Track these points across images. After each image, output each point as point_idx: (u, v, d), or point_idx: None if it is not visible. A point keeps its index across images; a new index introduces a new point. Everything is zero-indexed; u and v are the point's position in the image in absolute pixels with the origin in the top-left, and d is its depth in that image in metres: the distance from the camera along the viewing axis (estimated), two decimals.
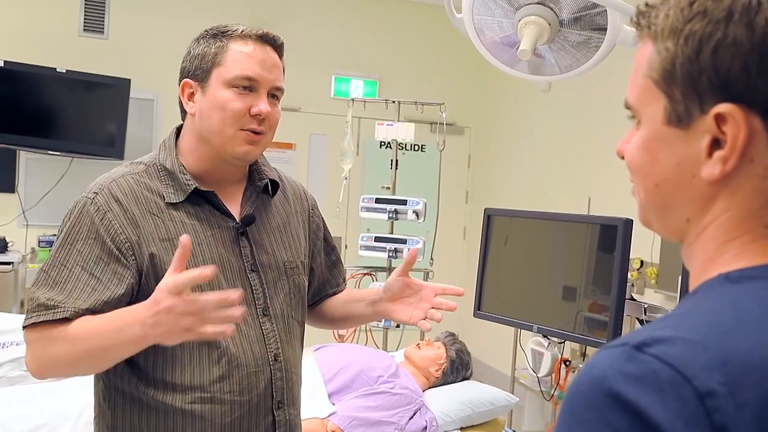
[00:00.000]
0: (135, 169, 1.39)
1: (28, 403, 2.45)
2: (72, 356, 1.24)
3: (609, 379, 0.55)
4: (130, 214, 1.31)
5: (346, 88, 5.70)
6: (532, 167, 5.39)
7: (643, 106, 0.69)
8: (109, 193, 1.32)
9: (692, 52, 0.63)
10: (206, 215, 1.38)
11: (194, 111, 1.38)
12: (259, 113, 1.35)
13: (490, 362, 5.54)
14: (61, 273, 1.27)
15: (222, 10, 5.33)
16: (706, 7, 0.63)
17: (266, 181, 1.47)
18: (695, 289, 0.66)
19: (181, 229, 1.34)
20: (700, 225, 0.67)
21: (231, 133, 1.35)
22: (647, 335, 0.57)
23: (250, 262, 1.40)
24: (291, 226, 1.51)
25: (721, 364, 0.54)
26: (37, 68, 4.64)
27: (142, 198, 1.34)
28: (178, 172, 1.38)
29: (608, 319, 2.33)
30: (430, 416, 2.64)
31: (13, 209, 4.95)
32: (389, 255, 3.69)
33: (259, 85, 1.36)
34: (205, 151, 1.38)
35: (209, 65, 1.36)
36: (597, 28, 2.17)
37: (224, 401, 1.33)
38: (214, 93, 1.35)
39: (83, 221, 1.30)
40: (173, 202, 1.35)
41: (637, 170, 0.70)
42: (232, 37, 1.37)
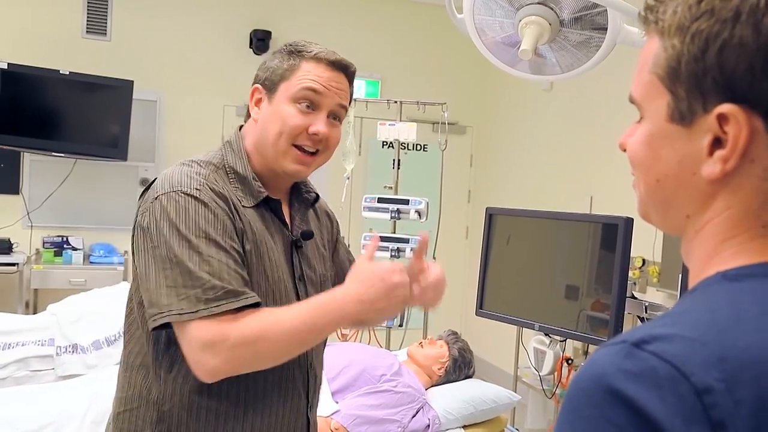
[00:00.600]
0: (205, 170, 1.35)
1: (33, 402, 2.47)
2: (281, 348, 1.24)
3: (608, 376, 0.56)
4: (233, 208, 1.32)
5: None
6: (534, 166, 5.40)
7: (647, 102, 0.69)
8: (207, 188, 1.30)
9: (698, 50, 0.63)
10: (271, 222, 1.41)
11: (258, 117, 1.41)
12: (316, 133, 1.36)
13: (492, 361, 5.55)
14: (203, 267, 1.22)
15: (223, 11, 5.35)
16: (713, 6, 0.63)
17: (314, 194, 1.51)
18: (693, 287, 0.67)
19: (255, 232, 1.34)
20: (700, 222, 0.68)
21: (284, 147, 1.36)
22: (646, 333, 0.58)
23: (299, 273, 1.43)
24: (321, 240, 1.55)
25: (719, 361, 0.55)
26: (40, 70, 4.65)
27: (227, 197, 1.32)
28: (250, 178, 1.39)
29: (609, 317, 2.34)
30: (432, 414, 2.65)
31: (17, 210, 4.97)
32: (392, 254, 3.70)
33: (322, 103, 1.37)
34: (260, 158, 1.41)
35: (278, 78, 1.39)
36: (597, 27, 2.18)
37: (266, 403, 1.36)
38: (278, 105, 1.37)
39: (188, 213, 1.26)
40: (248, 206, 1.36)
41: (639, 165, 0.71)
42: (306, 58, 1.39)
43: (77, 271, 4.74)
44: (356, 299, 1.24)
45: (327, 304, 1.26)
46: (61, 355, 3.09)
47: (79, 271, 4.74)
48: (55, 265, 4.80)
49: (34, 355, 3.07)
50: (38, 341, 3.13)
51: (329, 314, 1.25)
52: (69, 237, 4.97)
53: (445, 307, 5.08)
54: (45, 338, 3.15)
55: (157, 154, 5.20)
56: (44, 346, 3.11)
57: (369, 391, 2.58)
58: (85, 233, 5.07)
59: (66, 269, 4.76)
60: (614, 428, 0.54)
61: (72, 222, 5.09)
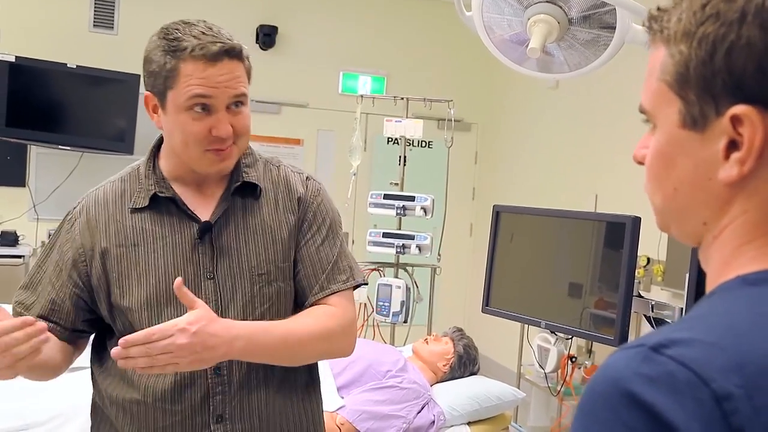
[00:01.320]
0: (120, 174, 1.46)
1: (43, 394, 2.48)
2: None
3: (626, 379, 0.55)
4: (93, 222, 1.39)
5: (354, 85, 5.72)
6: (539, 164, 5.40)
7: (657, 110, 0.69)
8: (84, 204, 1.42)
9: (706, 54, 0.63)
10: (171, 220, 1.38)
11: (160, 125, 1.38)
12: (219, 136, 1.30)
13: (496, 358, 5.56)
14: (36, 275, 1.42)
15: (230, 6, 5.35)
16: (718, 10, 0.63)
17: (239, 183, 1.41)
18: (712, 291, 0.66)
19: (139, 234, 1.37)
20: (717, 228, 0.67)
21: (196, 154, 1.33)
22: (664, 337, 0.58)
23: (208, 269, 1.36)
24: (275, 228, 1.42)
25: (738, 367, 0.55)
26: (47, 64, 4.67)
27: (112, 205, 1.40)
28: (144, 176, 1.40)
29: (615, 316, 2.34)
30: (437, 410, 2.66)
31: (23, 203, 4.99)
32: (397, 251, 3.71)
33: (216, 102, 1.30)
34: (178, 160, 1.39)
35: (162, 87, 1.31)
36: (606, 26, 2.18)
37: (157, 407, 1.35)
38: (173, 115, 1.32)
39: (61, 230, 1.43)
40: (139, 207, 1.38)
41: (657, 176, 0.70)
42: (182, 58, 1.28)
43: None
44: None
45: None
46: None
47: None
48: None
49: None
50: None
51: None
52: None
53: (449, 304, 5.10)
54: None
55: None
56: None
57: (374, 387, 2.60)
58: None
59: None
60: None
61: None
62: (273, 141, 5.49)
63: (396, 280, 3.69)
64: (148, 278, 1.35)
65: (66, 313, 1.39)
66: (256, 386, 1.39)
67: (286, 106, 5.60)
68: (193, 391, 1.35)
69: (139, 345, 1.17)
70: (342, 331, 1.44)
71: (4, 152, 4.90)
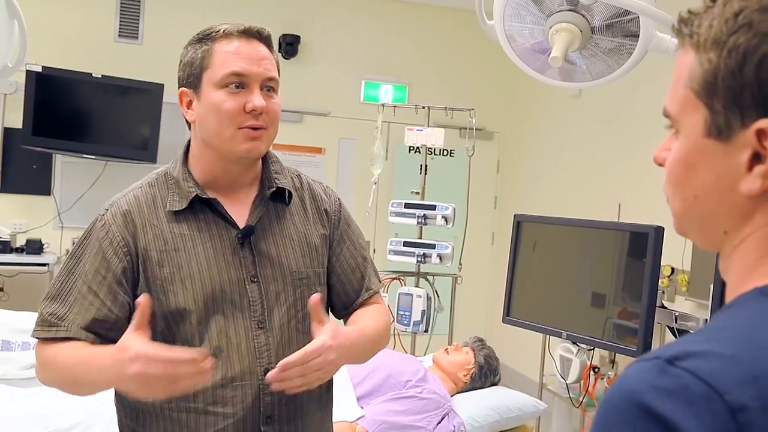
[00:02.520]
0: (147, 180, 1.43)
1: (64, 401, 2.50)
2: (61, 383, 1.33)
3: (641, 392, 0.55)
4: (131, 227, 1.35)
5: (376, 93, 5.73)
6: (561, 173, 5.36)
7: (682, 116, 0.68)
8: (117, 208, 1.37)
9: (736, 65, 0.62)
10: (209, 223, 1.38)
11: (194, 118, 1.38)
12: (254, 108, 1.32)
13: (518, 368, 5.52)
14: (65, 284, 1.34)
15: (254, 15, 5.39)
16: (751, 20, 0.62)
17: (274, 189, 1.43)
18: (730, 303, 0.66)
19: (179, 239, 1.35)
20: (738, 238, 0.67)
21: (230, 133, 1.33)
22: (680, 349, 0.58)
23: (251, 273, 1.37)
24: (308, 234, 1.46)
25: (754, 380, 0.54)
26: (73, 73, 4.73)
27: (146, 209, 1.37)
28: (181, 179, 1.39)
29: (638, 326, 2.32)
30: (458, 421, 2.64)
31: (49, 211, 5.05)
32: (418, 260, 3.70)
33: (250, 80, 1.33)
34: (211, 155, 1.38)
35: (198, 70, 1.36)
36: (629, 34, 2.16)
37: (208, 412, 1.33)
38: (208, 96, 1.34)
39: (91, 236, 1.36)
40: (176, 211, 1.37)
41: (677, 182, 0.70)
42: (216, 39, 1.36)
43: None
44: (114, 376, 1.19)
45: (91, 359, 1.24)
46: None
47: None
48: None
49: None
50: None
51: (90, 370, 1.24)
52: None
53: (470, 313, 5.08)
54: None
55: None
56: None
57: (394, 397, 2.58)
58: None
59: None
60: None
61: None
62: (295, 149, 5.51)
63: (417, 289, 3.68)
64: (193, 283, 1.34)
65: (113, 322, 1.32)
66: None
67: (307, 114, 5.63)
68: (244, 393, 1.34)
69: (297, 366, 1.22)
70: (388, 326, 1.56)
71: (30, 161, 4.97)
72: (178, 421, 1.33)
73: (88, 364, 1.24)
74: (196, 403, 1.33)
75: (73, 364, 1.27)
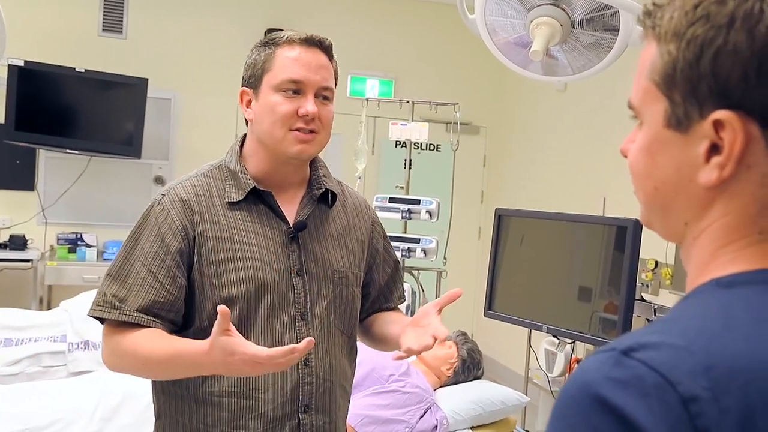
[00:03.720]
0: (201, 171, 1.50)
1: (45, 397, 2.49)
2: (139, 370, 1.39)
3: (596, 384, 0.56)
4: (189, 212, 1.41)
5: (362, 88, 5.72)
6: (547, 167, 5.38)
7: (644, 107, 0.69)
8: (174, 194, 1.43)
9: (693, 57, 0.63)
10: (262, 216, 1.45)
11: (251, 117, 1.46)
12: (306, 114, 1.39)
13: (504, 362, 5.54)
14: (124, 267, 1.39)
15: (239, 10, 5.37)
16: (709, 12, 0.62)
17: (323, 190, 1.51)
18: (687, 294, 0.67)
19: (234, 228, 1.42)
20: (697, 229, 0.67)
21: (281, 134, 1.40)
22: (635, 340, 0.58)
23: (297, 266, 1.44)
24: (347, 238, 1.54)
25: (706, 370, 0.55)
26: (56, 68, 4.69)
27: (203, 197, 1.44)
28: (239, 171, 1.45)
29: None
30: (440, 415, 2.65)
31: (32, 207, 5.02)
32: (402, 254, 3.70)
33: (306, 87, 1.40)
34: (264, 153, 1.45)
35: (260, 72, 1.43)
36: (609, 29, 2.17)
37: (249, 397, 1.38)
38: (265, 98, 1.42)
39: (149, 220, 1.41)
40: (233, 201, 1.43)
41: (638, 173, 0.71)
42: (279, 44, 1.43)
43: (91, 268, 4.78)
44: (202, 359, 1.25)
45: (184, 354, 1.28)
46: (72, 351, 3.11)
47: (93, 268, 4.77)
48: (69, 261, 4.84)
49: (46, 351, 3.09)
50: (51, 337, 3.16)
51: (184, 363, 1.29)
52: (83, 234, 5.02)
53: (455, 308, 5.07)
54: (57, 334, 3.17)
55: (171, 153, 5.23)
56: (56, 342, 3.14)
57: (377, 391, 2.59)
58: (99, 230, 5.11)
59: (80, 266, 4.80)
60: None
61: (86, 219, 5.13)
62: None
63: None
64: (246, 269, 1.40)
65: (172, 303, 1.37)
66: (335, 379, 1.48)
67: None
68: (285, 380, 1.40)
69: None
70: None
71: (14, 156, 4.93)
72: (219, 406, 1.39)
73: (183, 360, 1.28)
74: (238, 388, 1.39)
75: (162, 360, 1.31)
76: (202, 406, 1.40)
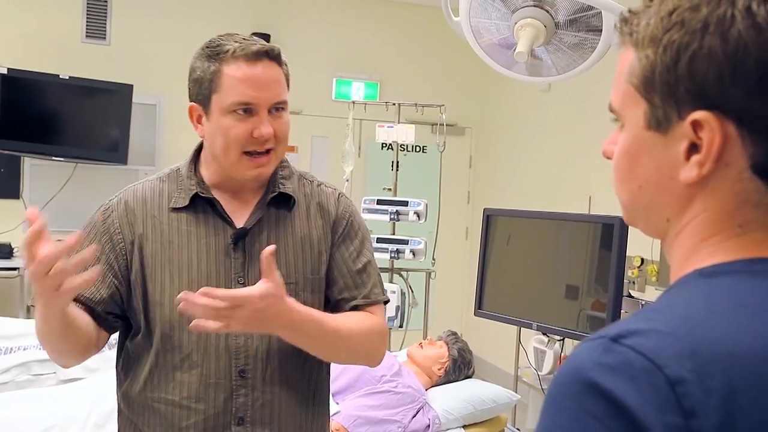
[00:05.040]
0: (159, 174, 1.49)
1: (37, 405, 2.48)
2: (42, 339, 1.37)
3: (587, 369, 0.59)
4: (131, 215, 1.42)
5: (348, 91, 5.73)
6: (533, 166, 5.41)
7: (625, 110, 0.72)
8: (122, 197, 1.45)
9: (670, 61, 0.66)
10: (208, 222, 1.42)
11: (203, 134, 1.42)
12: (261, 136, 1.35)
13: (493, 361, 5.56)
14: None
15: (224, 14, 5.37)
16: (683, 18, 0.65)
17: (275, 194, 1.45)
18: (672, 285, 0.70)
19: (175, 233, 1.40)
20: (679, 224, 0.70)
21: (235, 157, 1.37)
22: (623, 328, 0.61)
23: (238, 274, 1.40)
24: (306, 241, 1.46)
25: (691, 354, 0.58)
26: (40, 75, 4.67)
27: (150, 201, 1.43)
28: (186, 177, 1.44)
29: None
30: (432, 414, 2.66)
31: (18, 215, 4.98)
32: (391, 256, 3.72)
33: (258, 107, 1.35)
34: (218, 166, 1.43)
35: (208, 92, 1.37)
36: (592, 29, 2.19)
37: (182, 405, 1.37)
38: (216, 120, 1.37)
39: (94, 221, 1.44)
40: (177, 207, 1.41)
41: (622, 174, 0.74)
42: (225, 60, 1.35)
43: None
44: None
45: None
46: None
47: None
48: None
49: (35, 359, 3.07)
50: (39, 345, 3.12)
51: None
52: None
53: (445, 308, 5.10)
54: None
55: (157, 158, 5.21)
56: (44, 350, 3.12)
57: (369, 392, 2.60)
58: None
59: None
60: (593, 419, 0.57)
61: (73, 226, 5.05)
62: None
63: (391, 285, 3.69)
64: (180, 275, 1.38)
65: (99, 301, 1.38)
66: (277, 392, 1.41)
67: None
68: (217, 390, 1.37)
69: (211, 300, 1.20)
70: (379, 338, 1.50)
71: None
72: (158, 412, 1.40)
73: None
74: (173, 396, 1.38)
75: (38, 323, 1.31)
76: (147, 410, 1.41)
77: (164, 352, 1.39)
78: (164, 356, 1.39)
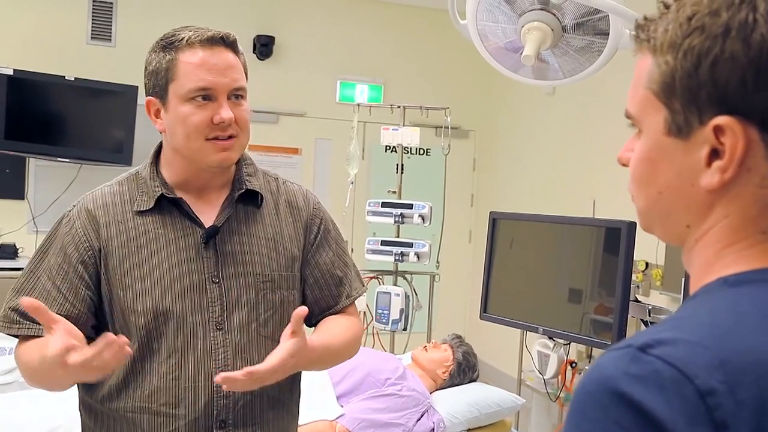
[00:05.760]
0: (118, 179, 1.45)
1: (42, 405, 2.48)
2: (35, 380, 1.32)
3: (615, 379, 0.58)
4: (94, 222, 1.37)
5: (351, 93, 5.73)
6: (537, 170, 5.41)
7: (643, 117, 0.71)
8: (82, 205, 1.40)
9: (691, 66, 0.65)
10: (175, 223, 1.38)
11: (163, 127, 1.39)
12: (221, 121, 1.32)
13: (496, 365, 5.56)
14: (29, 281, 1.36)
15: (227, 16, 5.37)
16: (704, 23, 0.65)
17: (243, 190, 1.43)
18: (695, 293, 0.68)
19: (143, 237, 1.36)
20: (700, 231, 0.69)
21: (198, 145, 1.34)
22: (650, 337, 0.60)
23: (212, 273, 1.37)
24: (278, 238, 1.45)
25: (721, 364, 0.57)
26: (45, 76, 4.68)
27: (111, 206, 1.39)
28: (149, 179, 1.40)
29: (612, 320, 2.35)
30: (437, 418, 2.66)
31: (23, 216, 4.99)
32: (396, 258, 3.71)
33: (216, 93, 1.33)
34: (182, 161, 1.39)
35: (164, 82, 1.34)
36: (599, 32, 2.19)
37: (160, 413, 1.33)
38: (175, 109, 1.34)
39: (57, 232, 1.39)
40: (142, 210, 1.38)
41: (641, 181, 0.73)
42: (180, 48, 1.34)
43: None
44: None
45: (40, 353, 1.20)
46: None
47: None
48: None
49: None
50: None
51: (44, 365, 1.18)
52: None
53: (449, 311, 5.10)
54: None
55: None
56: None
57: (374, 395, 2.60)
58: None
59: None
60: (621, 429, 0.56)
61: None
62: (271, 150, 5.50)
63: (395, 288, 3.69)
64: (152, 280, 1.35)
65: (76, 317, 1.31)
66: (258, 394, 1.39)
67: (283, 115, 5.62)
68: (197, 395, 1.34)
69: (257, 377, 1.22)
70: (360, 339, 1.56)
71: (3, 165, 4.91)
72: (132, 422, 1.34)
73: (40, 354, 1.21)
74: (149, 404, 1.33)
75: (30, 361, 1.28)
76: (118, 421, 1.35)
77: (141, 359, 1.34)
78: (141, 363, 1.34)
